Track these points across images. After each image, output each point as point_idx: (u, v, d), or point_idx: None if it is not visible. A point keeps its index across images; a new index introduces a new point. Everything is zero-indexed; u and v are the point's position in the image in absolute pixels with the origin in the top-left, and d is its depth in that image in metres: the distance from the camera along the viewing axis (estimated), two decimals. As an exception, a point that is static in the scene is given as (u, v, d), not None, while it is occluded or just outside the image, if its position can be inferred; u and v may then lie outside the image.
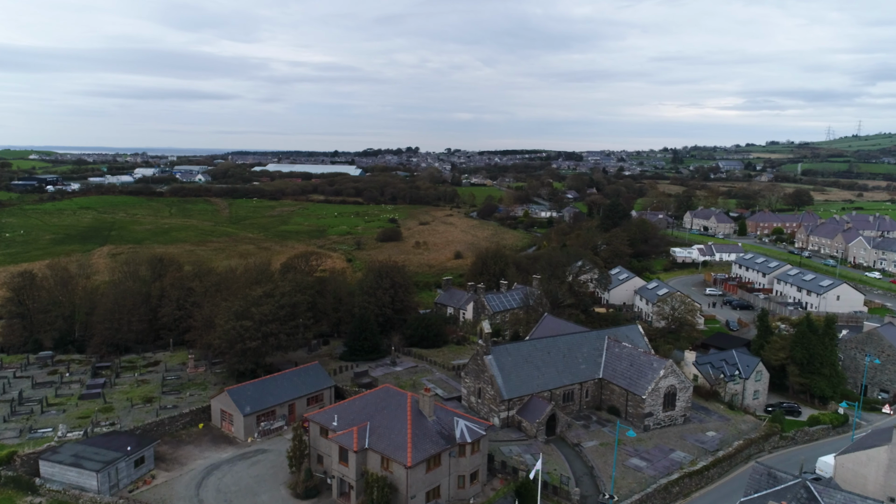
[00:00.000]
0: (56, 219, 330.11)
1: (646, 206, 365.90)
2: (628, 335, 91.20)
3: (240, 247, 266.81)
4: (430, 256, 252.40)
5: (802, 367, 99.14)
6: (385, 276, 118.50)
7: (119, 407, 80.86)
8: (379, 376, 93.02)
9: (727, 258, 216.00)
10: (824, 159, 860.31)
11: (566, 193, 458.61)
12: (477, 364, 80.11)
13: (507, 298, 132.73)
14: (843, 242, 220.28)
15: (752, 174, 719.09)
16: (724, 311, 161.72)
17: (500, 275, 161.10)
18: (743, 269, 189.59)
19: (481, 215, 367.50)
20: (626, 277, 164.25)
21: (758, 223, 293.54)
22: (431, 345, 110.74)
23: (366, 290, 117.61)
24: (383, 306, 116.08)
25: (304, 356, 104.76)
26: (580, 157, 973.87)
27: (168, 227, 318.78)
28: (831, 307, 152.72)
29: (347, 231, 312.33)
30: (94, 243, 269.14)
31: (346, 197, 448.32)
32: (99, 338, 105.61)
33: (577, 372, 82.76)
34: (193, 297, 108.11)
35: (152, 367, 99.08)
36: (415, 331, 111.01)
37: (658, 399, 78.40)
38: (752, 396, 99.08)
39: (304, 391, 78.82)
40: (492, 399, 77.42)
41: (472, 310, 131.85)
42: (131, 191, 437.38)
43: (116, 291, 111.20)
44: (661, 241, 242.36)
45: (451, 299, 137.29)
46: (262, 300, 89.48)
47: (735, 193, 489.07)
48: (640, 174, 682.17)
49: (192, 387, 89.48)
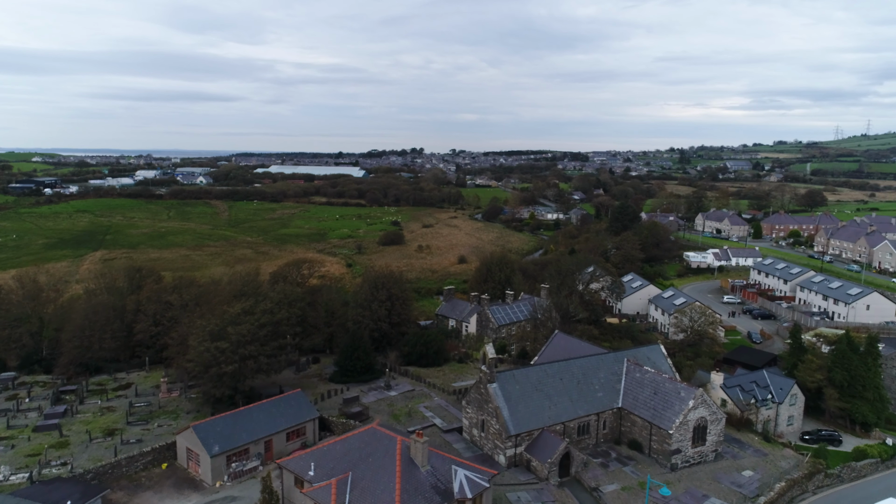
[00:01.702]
0: (51, 222, 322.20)
1: (655, 207, 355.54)
2: (649, 357, 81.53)
3: (237, 251, 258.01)
4: (433, 261, 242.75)
5: (842, 391, 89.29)
6: (381, 287, 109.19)
7: (76, 441, 71.67)
8: (371, 402, 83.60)
9: (744, 263, 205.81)
10: (834, 159, 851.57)
11: (573, 194, 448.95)
12: (480, 393, 70.63)
13: (513, 310, 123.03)
14: (866, 246, 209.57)
15: (761, 174, 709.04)
16: (745, 320, 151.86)
17: (505, 282, 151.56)
18: (762, 275, 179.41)
19: (486, 217, 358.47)
20: (639, 285, 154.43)
21: (773, 225, 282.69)
22: (431, 363, 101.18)
23: (360, 302, 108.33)
24: (379, 320, 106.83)
25: (290, 377, 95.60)
26: (586, 157, 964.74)
27: (165, 230, 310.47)
28: (860, 317, 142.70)
29: (349, 234, 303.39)
30: (87, 248, 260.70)
31: (349, 199, 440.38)
32: (67, 357, 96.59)
33: (593, 401, 73.14)
34: (171, 311, 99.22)
35: (122, 391, 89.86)
36: (413, 348, 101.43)
37: (687, 433, 68.75)
38: (786, 423, 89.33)
39: (284, 424, 69.29)
40: (496, 434, 67.93)
41: (476, 322, 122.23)
42: (130, 193, 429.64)
43: (88, 305, 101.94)
44: (674, 244, 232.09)
45: (454, 311, 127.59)
46: (240, 318, 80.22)
47: (745, 194, 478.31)
48: (647, 174, 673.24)
49: (163, 415, 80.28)
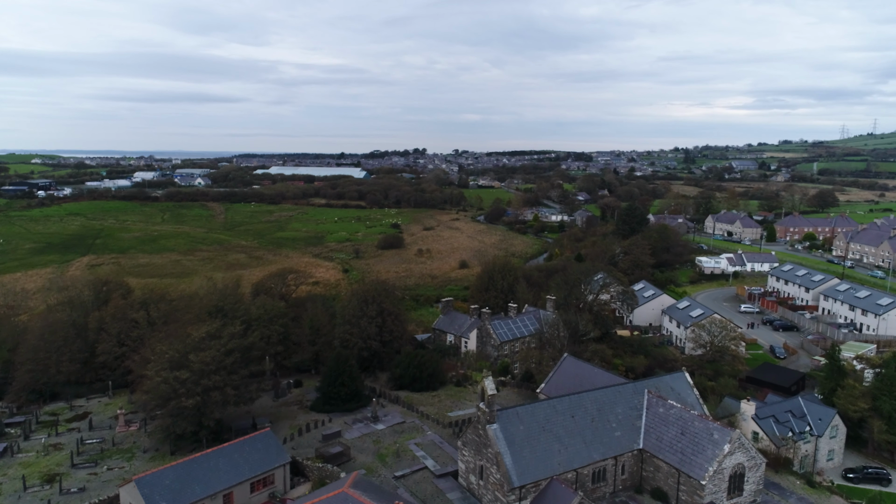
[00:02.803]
0: (41, 226, 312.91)
1: (663, 208, 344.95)
2: (673, 387, 71.24)
3: (229, 256, 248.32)
4: (434, 265, 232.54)
5: (890, 422, 78.93)
6: (371, 301, 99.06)
7: (8, 490, 61.75)
8: (354, 439, 73.43)
9: (760, 268, 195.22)
10: (840, 158, 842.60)
11: (577, 195, 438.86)
12: (478, 434, 60.54)
13: (516, 325, 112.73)
14: (890, 251, 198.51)
15: (767, 174, 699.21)
16: (765, 332, 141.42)
17: (508, 291, 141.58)
18: (781, 282, 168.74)
19: (489, 219, 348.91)
20: (651, 295, 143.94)
21: (786, 228, 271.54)
22: (425, 387, 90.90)
23: (348, 318, 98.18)
24: (369, 338, 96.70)
25: (267, 405, 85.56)
26: (590, 157, 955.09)
27: (158, 234, 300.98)
28: (892, 329, 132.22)
29: (347, 238, 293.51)
30: (75, 253, 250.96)
31: (349, 200, 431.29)
32: (19, 382, 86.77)
33: (610, 442, 62.97)
34: (137, 330, 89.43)
35: (77, 423, 79.95)
36: (405, 370, 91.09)
37: (721, 483, 58.55)
38: (825, 458, 78.90)
39: (248, 473, 59.14)
40: (497, 484, 57.82)
41: (476, 338, 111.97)
42: (125, 196, 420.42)
43: (44, 324, 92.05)
44: (684, 248, 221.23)
45: (452, 325, 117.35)
46: (204, 343, 70.22)
47: (753, 194, 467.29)
48: (651, 175, 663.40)
49: (116, 454, 70.27)
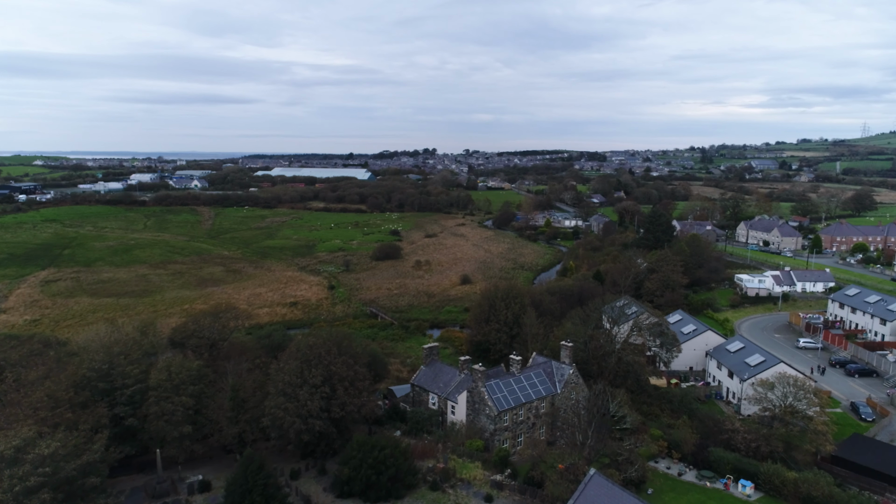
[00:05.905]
0: (10, 234, 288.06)
1: (686, 213, 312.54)
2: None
3: (204, 270, 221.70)
4: (432, 280, 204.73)
5: None
6: (317, 363, 71.02)
7: None
8: None
9: (812, 289, 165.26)
10: (864, 157, 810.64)
11: (591, 198, 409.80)
12: None
13: (521, 386, 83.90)
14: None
15: (790, 174, 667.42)
16: (836, 378, 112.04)
17: (513, 323, 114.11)
18: (846, 309, 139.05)
19: (497, 224, 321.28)
20: (693, 332, 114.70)
21: (832, 237, 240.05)
22: (385, 494, 62.81)
23: (282, 388, 70.02)
24: (310, 416, 68.81)
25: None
26: (604, 157, 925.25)
27: (134, 243, 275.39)
28: None
29: (340, 247, 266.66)
30: (35, 266, 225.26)
31: (349, 204, 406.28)
32: None
33: None
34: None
35: None
36: (355, 472, 62.77)
37: None
38: None
39: None
40: None
41: (466, 403, 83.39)
42: (110, 200, 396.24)
43: None
44: (719, 262, 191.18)
45: (436, 381, 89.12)
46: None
47: (779, 196, 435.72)
48: (668, 175, 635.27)
49: None
